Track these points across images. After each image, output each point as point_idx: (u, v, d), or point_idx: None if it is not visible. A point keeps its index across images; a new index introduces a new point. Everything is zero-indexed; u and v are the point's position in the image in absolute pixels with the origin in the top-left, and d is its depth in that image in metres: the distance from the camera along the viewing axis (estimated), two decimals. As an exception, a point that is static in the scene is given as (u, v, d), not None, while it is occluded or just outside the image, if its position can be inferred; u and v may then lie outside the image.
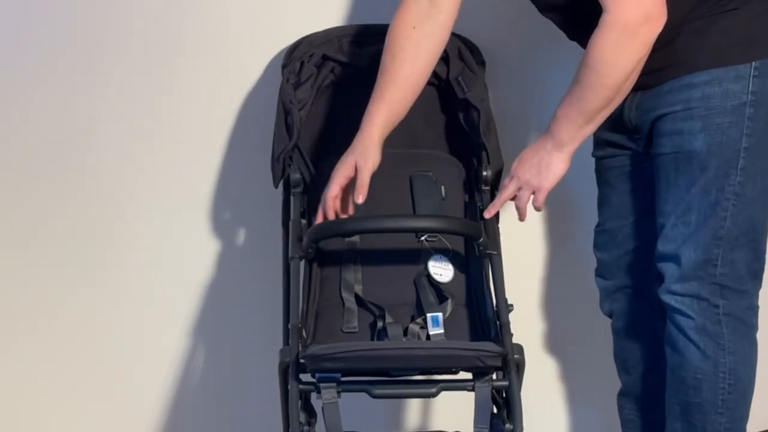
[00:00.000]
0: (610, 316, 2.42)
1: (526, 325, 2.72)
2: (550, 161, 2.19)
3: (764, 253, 2.20)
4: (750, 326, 2.18)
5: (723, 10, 2.11)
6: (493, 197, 2.33)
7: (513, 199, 2.25)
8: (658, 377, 2.31)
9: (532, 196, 2.23)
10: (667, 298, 2.16)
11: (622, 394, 2.45)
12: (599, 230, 2.39)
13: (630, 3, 2.02)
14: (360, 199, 2.19)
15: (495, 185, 2.33)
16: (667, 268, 2.16)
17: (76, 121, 2.59)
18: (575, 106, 2.13)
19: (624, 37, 2.04)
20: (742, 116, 2.09)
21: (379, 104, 2.24)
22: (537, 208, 2.25)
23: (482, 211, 2.29)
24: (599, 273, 2.40)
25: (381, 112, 2.23)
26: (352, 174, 2.21)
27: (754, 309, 2.19)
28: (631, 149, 2.29)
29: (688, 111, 2.11)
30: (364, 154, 2.21)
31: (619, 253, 2.36)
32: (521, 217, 2.26)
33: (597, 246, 2.40)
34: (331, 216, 2.22)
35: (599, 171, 2.36)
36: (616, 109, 2.20)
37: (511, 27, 2.58)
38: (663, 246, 2.17)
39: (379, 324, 2.18)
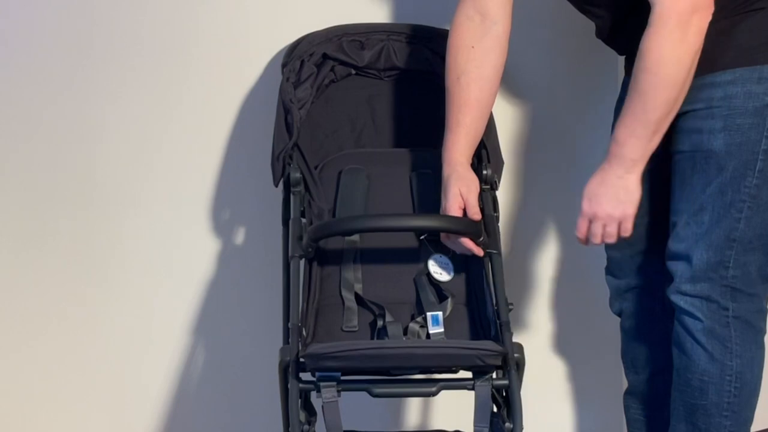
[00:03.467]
0: (619, 315, 2.41)
1: (530, 324, 2.73)
2: (627, 186, 2.09)
3: None
4: (758, 330, 2.16)
5: (749, 10, 2.09)
6: (493, 196, 2.32)
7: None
8: (667, 378, 2.29)
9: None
10: (676, 299, 2.14)
11: (629, 394, 2.44)
12: None
13: None
14: (477, 217, 2.22)
15: (495, 184, 2.33)
16: (678, 268, 2.14)
17: (75, 120, 2.59)
18: (641, 120, 2.03)
19: (678, 29, 1.98)
20: (764, 118, 2.06)
21: (456, 133, 2.24)
22: (626, 237, 2.15)
23: (482, 209, 2.29)
24: (610, 271, 2.39)
25: (461, 140, 2.24)
26: (462, 204, 2.22)
27: (763, 312, 2.17)
28: None
29: (709, 110, 2.09)
30: (465, 182, 2.22)
31: (631, 252, 2.34)
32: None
33: (608, 244, 2.38)
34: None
35: None
36: None
37: (512, 27, 2.57)
38: (674, 245, 2.15)
39: (379, 323, 2.19)
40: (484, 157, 2.34)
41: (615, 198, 2.09)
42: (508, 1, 2.24)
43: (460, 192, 2.22)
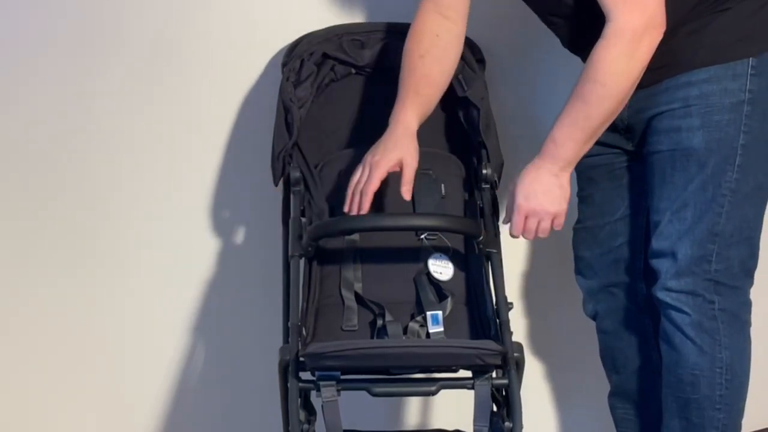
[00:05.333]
0: (593, 317, 2.42)
1: (527, 323, 2.73)
2: (561, 183, 2.16)
3: (758, 250, 2.20)
4: (744, 322, 2.20)
5: (718, 10, 2.13)
6: (493, 195, 2.32)
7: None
8: (649, 374, 2.33)
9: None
10: (662, 295, 2.17)
11: (614, 395, 2.46)
12: (579, 228, 2.40)
13: (636, 10, 2.04)
14: (408, 195, 2.17)
15: (495, 183, 2.33)
16: (662, 265, 2.17)
17: (75, 119, 2.59)
18: (581, 126, 2.10)
19: (631, 45, 2.04)
20: (740, 113, 2.11)
21: (414, 99, 2.23)
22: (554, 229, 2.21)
23: (482, 209, 2.30)
24: (579, 271, 2.41)
25: (416, 107, 2.23)
26: (397, 169, 2.18)
27: (747, 305, 2.21)
28: (619, 147, 2.30)
29: (686, 108, 2.13)
30: (411, 151, 2.20)
31: (601, 250, 2.36)
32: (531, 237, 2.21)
33: (577, 244, 2.40)
34: (366, 208, 2.16)
35: (581, 170, 2.35)
36: None
37: (511, 27, 2.58)
38: (658, 243, 2.17)
39: (379, 322, 2.19)
40: (484, 157, 2.34)
41: (551, 194, 2.15)
42: (465, 10, 2.26)
43: (403, 159, 2.18)
